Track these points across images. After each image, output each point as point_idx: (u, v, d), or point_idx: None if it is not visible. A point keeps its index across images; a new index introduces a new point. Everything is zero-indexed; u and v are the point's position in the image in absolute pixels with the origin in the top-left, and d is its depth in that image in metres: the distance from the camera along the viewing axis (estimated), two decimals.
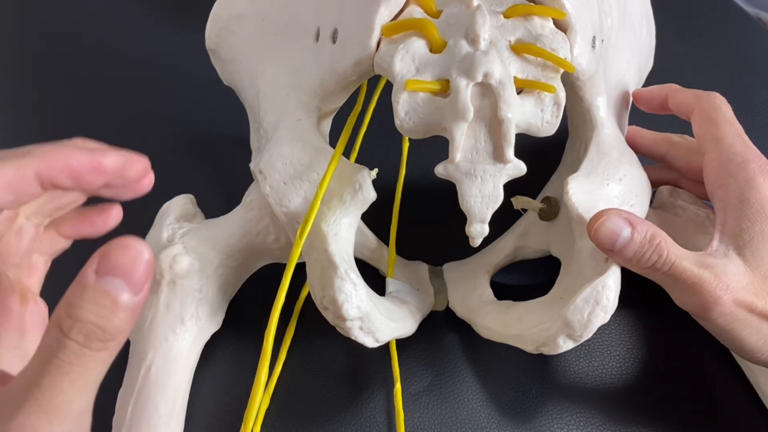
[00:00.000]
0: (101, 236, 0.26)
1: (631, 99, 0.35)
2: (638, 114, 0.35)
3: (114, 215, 0.27)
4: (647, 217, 0.30)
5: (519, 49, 0.25)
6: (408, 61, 0.25)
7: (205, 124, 0.44)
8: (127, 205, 0.34)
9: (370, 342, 0.27)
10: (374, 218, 0.33)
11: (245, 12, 0.34)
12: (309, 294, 0.35)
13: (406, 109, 0.25)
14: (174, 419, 0.29)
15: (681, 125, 0.34)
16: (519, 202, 0.33)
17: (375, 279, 0.35)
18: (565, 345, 0.27)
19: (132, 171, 0.24)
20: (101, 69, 0.49)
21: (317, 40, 0.30)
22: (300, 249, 0.27)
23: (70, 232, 0.27)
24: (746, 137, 0.30)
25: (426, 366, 0.33)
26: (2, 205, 0.22)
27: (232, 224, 0.32)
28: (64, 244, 0.27)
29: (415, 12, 0.26)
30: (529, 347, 0.29)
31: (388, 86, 0.27)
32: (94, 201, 0.26)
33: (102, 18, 0.53)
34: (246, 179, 0.32)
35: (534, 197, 0.35)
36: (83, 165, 0.23)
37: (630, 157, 0.31)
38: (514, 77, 0.25)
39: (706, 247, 0.28)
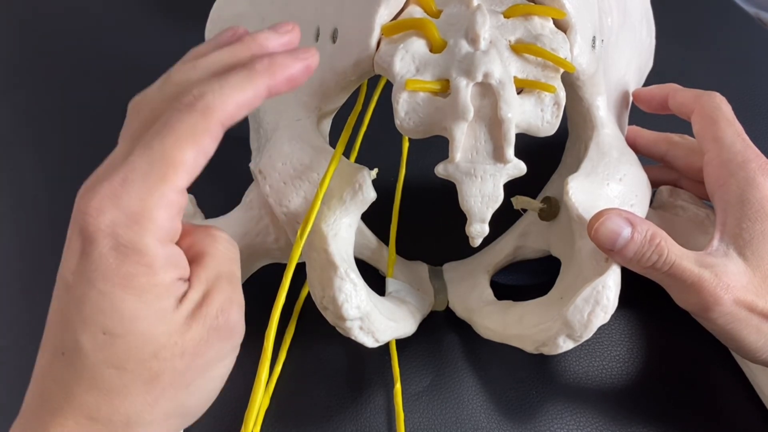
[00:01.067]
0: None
1: (631, 99, 0.35)
2: (638, 114, 0.35)
3: None
4: (647, 217, 0.30)
5: (519, 48, 0.25)
6: (408, 61, 0.25)
7: None
8: None
9: (370, 342, 0.27)
10: (374, 218, 0.33)
11: (245, 12, 0.34)
12: (309, 294, 0.35)
13: (406, 109, 0.25)
14: None
15: (681, 125, 0.34)
16: (519, 202, 0.33)
17: (375, 279, 0.35)
18: (565, 345, 0.27)
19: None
20: (100, 69, 0.49)
21: (317, 40, 0.30)
22: (300, 249, 0.27)
23: None
24: (746, 137, 0.30)
25: (426, 366, 0.33)
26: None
27: (231, 224, 0.32)
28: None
29: (415, 12, 0.26)
30: (529, 347, 0.29)
31: (388, 86, 0.27)
32: None
33: (101, 17, 0.53)
34: (246, 179, 0.32)
35: (534, 197, 0.35)
36: (301, 71, 0.22)
37: (630, 157, 0.31)
38: (514, 77, 0.25)
39: (707, 246, 0.28)
